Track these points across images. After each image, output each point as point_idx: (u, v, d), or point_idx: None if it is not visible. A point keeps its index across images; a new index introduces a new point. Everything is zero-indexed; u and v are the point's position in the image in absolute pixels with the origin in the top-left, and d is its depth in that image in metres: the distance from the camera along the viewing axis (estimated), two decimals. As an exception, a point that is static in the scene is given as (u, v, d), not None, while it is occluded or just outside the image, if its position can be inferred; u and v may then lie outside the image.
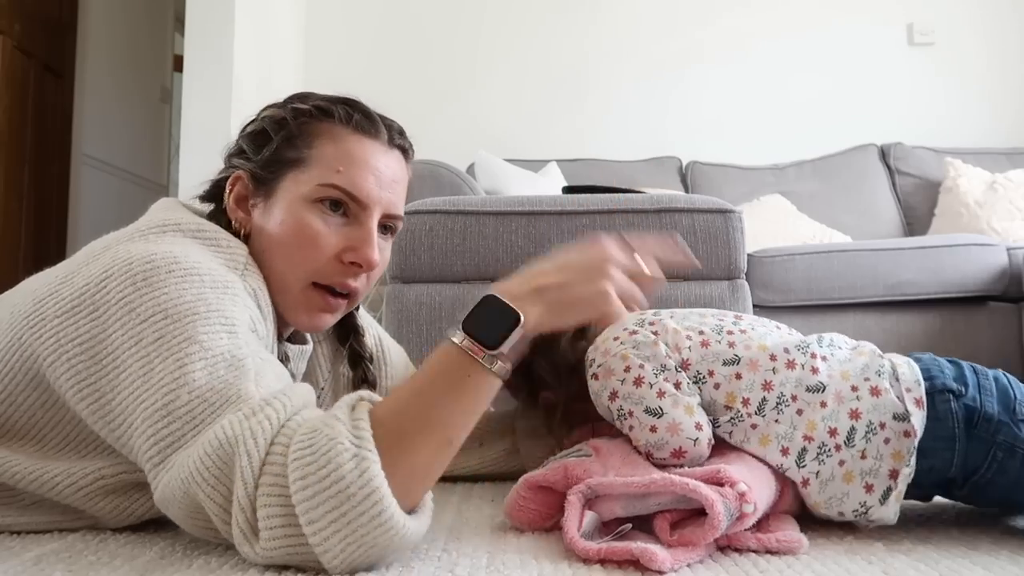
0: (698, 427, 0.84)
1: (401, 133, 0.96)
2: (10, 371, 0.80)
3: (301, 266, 0.89)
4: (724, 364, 0.87)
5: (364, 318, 1.12)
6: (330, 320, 0.93)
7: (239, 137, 0.95)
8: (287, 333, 0.99)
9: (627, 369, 0.87)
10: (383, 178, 0.91)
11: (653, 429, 0.84)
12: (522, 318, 0.73)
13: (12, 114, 3.30)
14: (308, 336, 1.03)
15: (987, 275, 2.20)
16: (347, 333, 1.06)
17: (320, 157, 0.89)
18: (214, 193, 0.96)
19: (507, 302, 0.74)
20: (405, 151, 0.97)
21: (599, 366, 0.90)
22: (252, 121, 0.96)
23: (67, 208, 3.70)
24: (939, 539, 0.81)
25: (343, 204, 0.89)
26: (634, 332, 0.91)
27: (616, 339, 0.92)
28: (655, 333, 0.90)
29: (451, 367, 0.72)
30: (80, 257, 0.84)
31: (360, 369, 1.05)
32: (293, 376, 0.97)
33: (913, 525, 0.86)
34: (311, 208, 0.88)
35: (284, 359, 0.96)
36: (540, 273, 0.77)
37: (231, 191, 0.92)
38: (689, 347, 0.89)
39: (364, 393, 0.73)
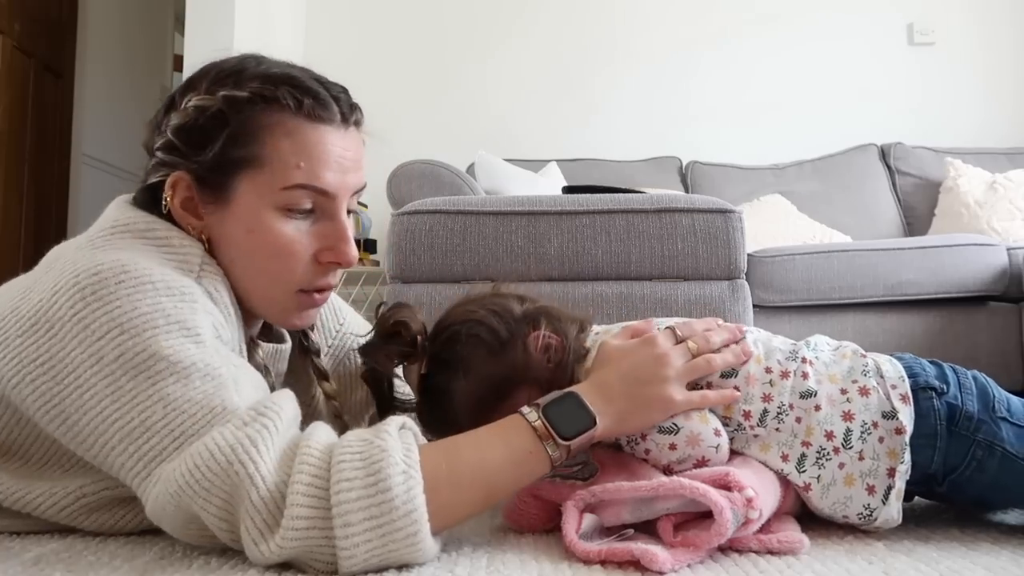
0: (717, 433, 0.82)
1: (351, 105, 0.87)
2: None
3: (282, 276, 0.84)
4: (722, 376, 0.85)
5: (345, 321, 1.09)
6: (316, 314, 0.92)
7: (168, 129, 0.84)
8: (256, 331, 0.94)
9: None
10: (345, 163, 0.84)
11: (672, 447, 0.82)
12: (598, 423, 0.77)
13: (12, 114, 3.30)
14: (285, 334, 0.99)
15: (987, 275, 2.20)
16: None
17: (275, 155, 0.81)
18: (149, 198, 0.86)
19: (588, 405, 0.77)
20: (358, 123, 0.88)
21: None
22: (173, 108, 0.85)
23: (67, 208, 3.70)
24: (939, 539, 0.81)
25: (310, 201, 0.83)
26: None
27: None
28: None
29: (516, 438, 0.75)
30: (39, 268, 0.82)
31: (309, 360, 1.00)
32: (268, 372, 0.92)
33: (913, 525, 0.86)
34: (277, 214, 0.82)
35: (251, 351, 0.90)
36: (606, 384, 0.81)
37: (172, 194, 0.84)
38: None
39: (408, 421, 0.75)
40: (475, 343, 0.88)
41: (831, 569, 0.70)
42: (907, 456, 0.79)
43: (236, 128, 0.81)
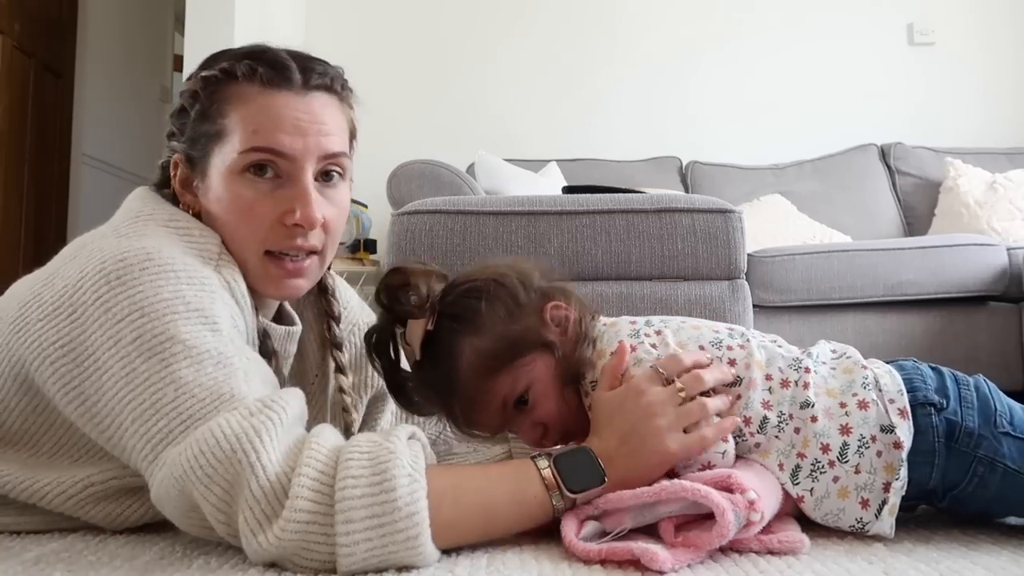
0: (724, 439, 0.81)
1: (323, 72, 0.88)
2: (1, 377, 0.80)
3: (248, 239, 0.86)
4: (726, 385, 0.84)
5: (351, 307, 1.08)
6: (303, 284, 0.90)
7: (170, 116, 0.92)
8: (271, 314, 0.96)
9: None
10: (303, 124, 0.85)
11: None
12: (605, 484, 0.76)
13: (12, 114, 3.30)
14: (296, 318, 1.00)
15: (987, 275, 2.20)
16: (330, 319, 1.02)
17: (235, 124, 0.85)
18: (164, 179, 0.93)
19: (602, 464, 0.77)
20: (328, 88, 0.89)
21: (597, 386, 0.85)
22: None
23: (67, 208, 3.70)
24: (940, 539, 0.81)
25: (271, 165, 0.85)
26: (633, 347, 0.86)
27: (614, 355, 0.86)
28: (654, 347, 0.86)
29: (525, 481, 0.75)
30: (61, 258, 0.84)
31: (329, 351, 1.01)
32: (275, 355, 0.93)
33: (913, 525, 0.86)
34: (240, 179, 0.85)
35: (264, 337, 0.92)
36: (608, 449, 0.79)
37: (175, 175, 0.90)
38: None
39: (417, 431, 0.76)
40: (492, 300, 0.86)
41: (831, 569, 0.70)
42: (903, 472, 0.79)
43: (204, 104, 0.87)
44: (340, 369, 1.00)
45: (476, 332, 0.85)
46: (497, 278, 0.88)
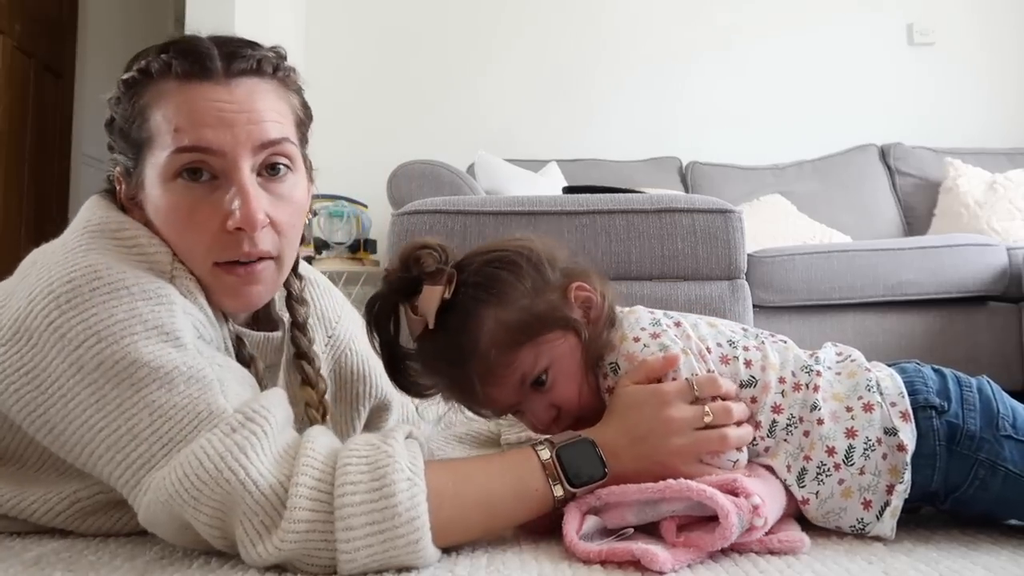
0: (739, 448, 0.80)
1: (248, 56, 0.80)
2: None
3: (193, 251, 0.79)
4: (742, 386, 0.83)
5: (343, 319, 1.04)
6: (260, 291, 0.83)
7: (104, 127, 0.86)
8: (244, 319, 0.91)
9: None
10: (228, 115, 0.77)
11: None
12: (606, 477, 0.76)
13: (12, 114, 3.30)
14: (280, 323, 0.94)
15: (987, 275, 2.20)
16: (294, 328, 0.94)
17: (158, 127, 0.78)
18: (114, 189, 0.86)
19: (604, 458, 0.76)
20: (256, 71, 0.81)
21: (627, 374, 0.83)
22: None
23: (67, 208, 3.70)
24: (939, 539, 0.81)
25: (203, 166, 0.77)
26: (656, 334, 0.85)
27: (637, 340, 0.85)
28: (676, 338, 0.85)
29: (525, 473, 0.75)
30: (17, 275, 0.81)
31: (303, 365, 0.93)
32: (253, 360, 0.87)
33: (913, 525, 0.86)
34: (173, 185, 0.78)
35: (239, 344, 0.86)
36: (613, 442, 0.78)
37: (120, 191, 0.84)
38: (710, 360, 0.84)
39: (414, 430, 0.75)
40: (519, 272, 0.83)
41: (831, 569, 0.70)
42: (907, 476, 0.78)
43: (127, 110, 0.80)
44: (309, 382, 0.92)
45: (501, 303, 0.81)
46: (524, 251, 0.84)
